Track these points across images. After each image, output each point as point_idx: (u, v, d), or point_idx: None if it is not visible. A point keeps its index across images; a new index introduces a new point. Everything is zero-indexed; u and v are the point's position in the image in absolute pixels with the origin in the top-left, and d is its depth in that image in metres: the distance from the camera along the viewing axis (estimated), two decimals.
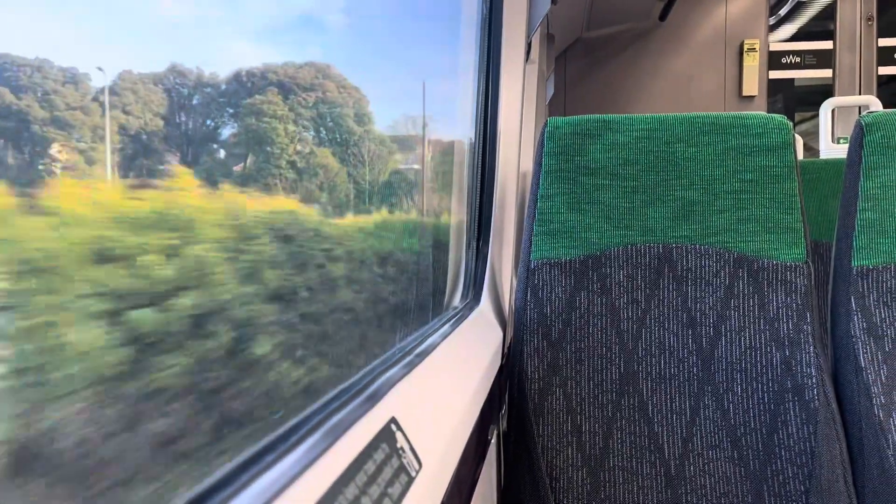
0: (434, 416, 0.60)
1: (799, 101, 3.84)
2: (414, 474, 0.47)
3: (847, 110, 3.41)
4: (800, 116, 3.89)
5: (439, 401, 0.64)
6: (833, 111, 2.37)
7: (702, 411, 0.99)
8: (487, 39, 1.31)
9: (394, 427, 0.50)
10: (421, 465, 0.49)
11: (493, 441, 1.01)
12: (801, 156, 2.33)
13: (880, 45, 3.57)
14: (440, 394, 0.66)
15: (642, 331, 1.03)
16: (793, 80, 3.76)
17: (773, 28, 3.74)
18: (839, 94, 3.57)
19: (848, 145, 1.08)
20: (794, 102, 3.85)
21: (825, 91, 3.63)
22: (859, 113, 1.57)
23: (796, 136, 1.18)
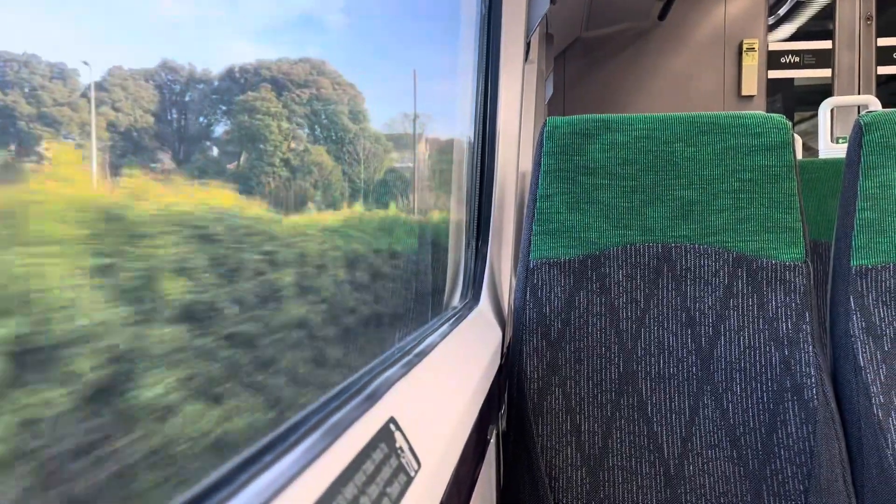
0: (433, 416, 0.60)
1: (798, 100, 3.84)
2: (413, 474, 0.47)
3: (846, 110, 3.41)
4: (799, 116, 3.89)
5: (438, 400, 0.64)
6: (832, 111, 2.37)
7: (701, 411, 0.99)
8: (486, 39, 1.31)
9: (393, 427, 0.49)
10: (420, 464, 0.49)
11: (492, 441, 1.01)
12: (800, 155, 2.33)
13: (879, 44, 3.57)
14: (439, 393, 0.66)
15: (641, 330, 1.03)
16: (792, 79, 3.77)
17: (772, 28, 3.74)
18: (838, 94, 3.57)
19: (847, 145, 1.08)
20: (794, 102, 3.85)
21: (824, 91, 3.63)
22: (858, 112, 1.57)
23: (795, 135, 1.18)
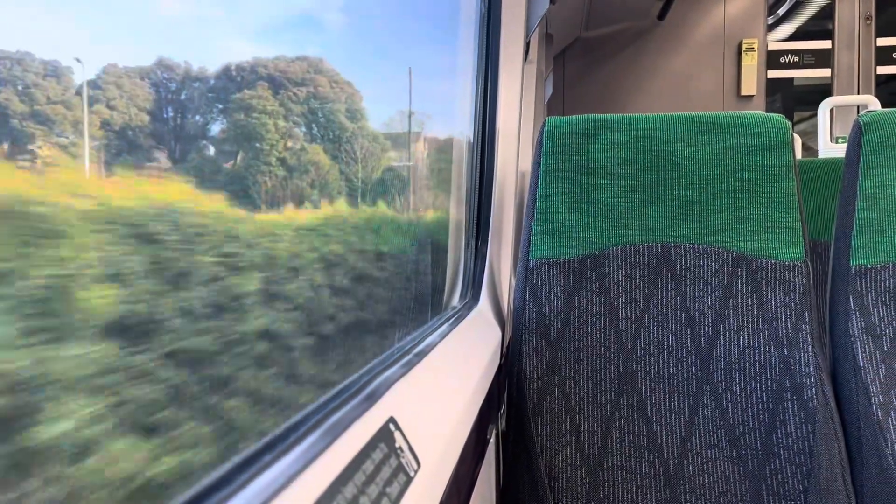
0: (433, 416, 0.60)
1: (797, 100, 3.84)
2: (412, 474, 0.47)
3: (845, 110, 3.41)
4: (798, 116, 3.89)
5: (438, 400, 0.64)
6: (831, 110, 2.37)
7: (700, 411, 0.99)
8: (486, 39, 1.31)
9: (392, 427, 0.49)
10: (419, 464, 0.49)
11: (491, 441, 1.01)
12: (799, 155, 2.33)
13: (879, 44, 3.58)
14: (439, 393, 0.66)
15: (641, 330, 1.03)
16: (791, 79, 3.77)
17: (771, 27, 3.74)
18: (838, 94, 3.57)
19: (846, 145, 1.08)
20: (793, 102, 3.85)
21: (824, 90, 3.64)
22: (858, 112, 1.57)
23: (795, 135, 1.18)
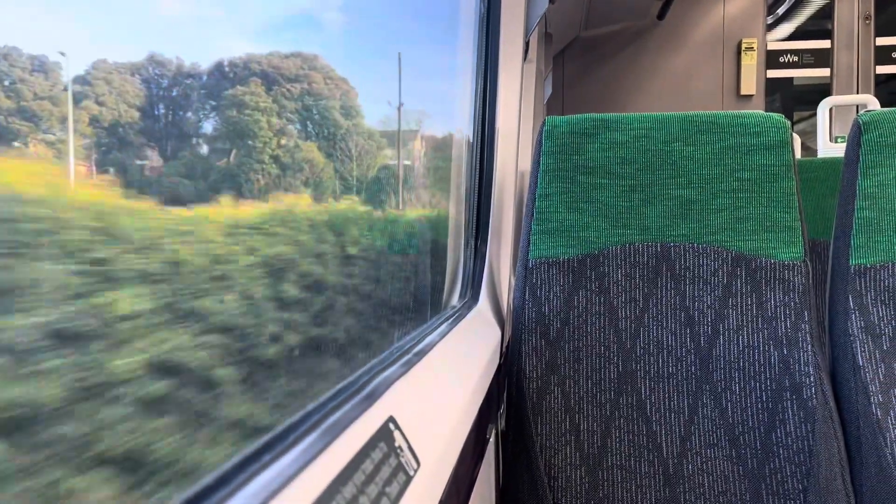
0: (432, 415, 0.60)
1: (797, 100, 3.84)
2: (412, 473, 0.47)
3: (845, 109, 3.41)
4: (798, 115, 3.90)
5: (437, 400, 0.64)
6: (831, 110, 2.37)
7: (700, 410, 1.00)
8: (485, 39, 1.31)
9: (392, 426, 0.49)
10: (419, 464, 0.49)
11: (491, 440, 1.01)
12: (798, 155, 2.33)
13: (878, 44, 3.58)
14: (438, 393, 0.66)
15: (640, 330, 1.03)
16: (791, 79, 3.77)
17: (770, 27, 3.74)
18: (837, 93, 3.57)
19: (846, 144, 1.08)
20: (792, 101, 3.85)
21: (823, 90, 3.64)
22: (857, 112, 1.57)
23: (794, 134, 1.18)
